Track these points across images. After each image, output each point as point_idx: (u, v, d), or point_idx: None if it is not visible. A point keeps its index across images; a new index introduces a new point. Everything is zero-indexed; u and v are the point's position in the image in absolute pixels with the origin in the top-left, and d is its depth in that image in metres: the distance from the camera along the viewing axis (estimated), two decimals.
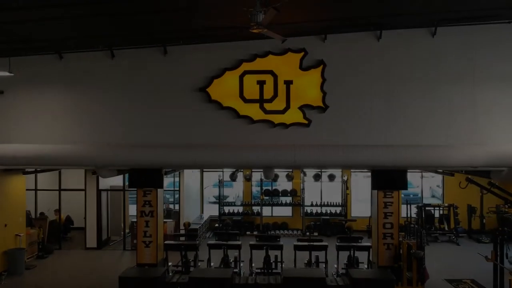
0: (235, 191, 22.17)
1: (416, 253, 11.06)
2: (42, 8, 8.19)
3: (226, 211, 19.26)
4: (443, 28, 10.92)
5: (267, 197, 19.11)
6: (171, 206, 18.60)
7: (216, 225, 17.41)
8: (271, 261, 11.84)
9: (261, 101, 11.17)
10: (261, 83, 11.19)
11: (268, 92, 11.14)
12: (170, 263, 12.02)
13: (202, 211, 20.00)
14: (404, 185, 11.41)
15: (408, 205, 16.48)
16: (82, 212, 17.20)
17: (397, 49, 11.12)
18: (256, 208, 19.17)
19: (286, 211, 19.73)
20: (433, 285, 11.45)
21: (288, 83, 11.16)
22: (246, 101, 11.19)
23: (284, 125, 11.16)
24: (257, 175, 19.13)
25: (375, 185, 11.42)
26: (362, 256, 12.01)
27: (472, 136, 10.76)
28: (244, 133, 11.23)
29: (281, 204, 19.32)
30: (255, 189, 20.08)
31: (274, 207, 19.57)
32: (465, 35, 10.90)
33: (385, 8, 9.84)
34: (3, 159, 10.48)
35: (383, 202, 11.35)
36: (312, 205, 19.05)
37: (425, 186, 20.38)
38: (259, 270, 11.53)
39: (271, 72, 11.16)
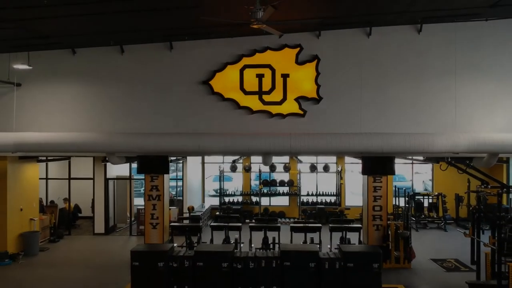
0: (234, 185, 22.88)
1: (403, 233, 11.92)
2: (61, 6, 8.92)
3: (226, 200, 20.05)
4: (428, 25, 11.75)
5: (265, 187, 19.90)
6: (174, 196, 19.38)
7: (217, 213, 18.17)
8: (269, 242, 12.66)
9: (260, 93, 11.97)
10: (260, 76, 11.99)
11: (266, 85, 11.94)
12: (175, 244, 12.82)
13: (203, 201, 20.81)
14: (391, 170, 12.22)
15: (397, 191, 17.29)
16: (89, 201, 18.07)
17: (385, 45, 11.91)
18: (255, 198, 19.96)
19: (283, 201, 20.57)
20: (419, 263, 12.27)
21: (285, 76, 11.96)
22: (246, 93, 11.99)
23: (281, 115, 11.97)
24: (255, 167, 19.92)
25: (365, 171, 12.23)
26: (353, 237, 12.80)
27: (454, 124, 11.60)
28: (244, 122, 12.02)
29: (279, 194, 20.11)
30: (254, 183, 20.82)
31: (272, 197, 20.38)
32: (448, 32, 11.71)
33: (374, 7, 10.64)
34: (21, 146, 11.20)
35: (373, 186, 12.17)
36: (308, 194, 19.85)
37: (418, 180, 21.21)
38: (258, 250, 12.33)
39: (269, 66, 11.96)
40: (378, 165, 12.03)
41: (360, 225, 12.73)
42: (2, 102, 12.04)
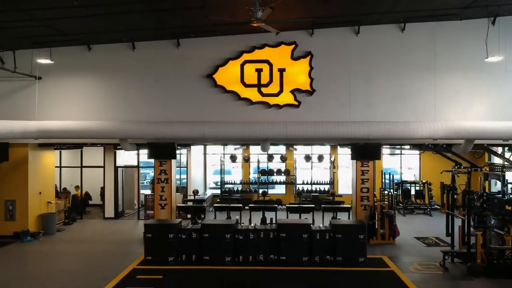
0: (233, 178, 23.91)
1: (388, 212, 13.05)
2: (85, 7, 9.99)
3: (227, 189, 21.10)
4: (411, 25, 12.92)
5: (263, 177, 21.00)
6: (178, 185, 20.43)
7: (218, 200, 19.23)
8: (267, 222, 13.77)
9: (258, 85, 13.15)
10: (259, 71, 13.15)
11: (264, 78, 13.10)
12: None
13: (205, 190, 21.91)
14: (377, 156, 13.34)
15: (383, 176, 18.36)
16: (98, 190, 19.18)
17: (372, 42, 13.10)
18: (254, 187, 21.06)
19: (280, 190, 21.70)
20: (403, 240, 13.37)
21: (281, 70, 13.13)
22: (246, 85, 13.15)
23: (278, 106, 13.12)
24: (254, 158, 21.02)
25: (354, 156, 13.34)
26: (343, 217, 13.91)
27: (433, 114, 12.77)
28: (245, 112, 13.17)
29: (276, 183, 21.23)
30: (252, 176, 21.87)
31: (269, 187, 21.48)
32: (429, 31, 12.89)
33: (362, 8, 11.79)
34: (43, 133, 12.26)
35: (361, 170, 13.29)
36: (303, 183, 20.96)
37: (410, 173, 22.29)
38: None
39: (267, 61, 13.13)
40: (365, 152, 13.13)
41: (349, 206, 13.88)
42: (25, 93, 13.17)
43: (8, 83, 13.13)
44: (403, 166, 21.63)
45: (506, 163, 10.66)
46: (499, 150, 14.72)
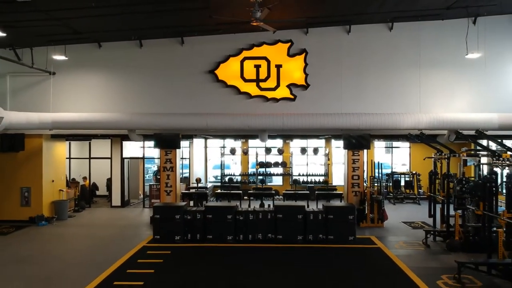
0: (233, 171, 24.74)
1: (377, 197, 13.98)
2: (100, 8, 10.85)
3: (227, 180, 22.03)
4: (398, 24, 13.84)
5: (261, 169, 21.88)
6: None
7: (218, 190, 20.10)
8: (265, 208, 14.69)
9: (257, 80, 14.07)
10: (257, 67, 14.07)
11: (262, 74, 14.02)
12: None
13: (206, 182, 22.80)
14: (367, 146, 14.25)
15: (373, 165, 19.26)
16: (104, 182, 20.06)
17: (362, 40, 14.02)
18: (252, 178, 21.94)
19: (277, 181, 22.61)
20: (391, 224, 14.28)
21: (278, 66, 14.05)
22: (245, 80, 14.07)
23: (275, 100, 14.03)
24: (252, 151, 21.91)
25: (345, 146, 14.25)
26: (336, 203, 14.84)
27: (418, 106, 13.71)
28: (244, 105, 14.08)
29: (273, 175, 22.14)
30: (251, 171, 22.77)
31: (267, 178, 22.37)
32: (414, 30, 13.82)
33: (352, 8, 12.69)
34: (58, 124, 13.15)
35: (352, 159, 14.21)
36: (299, 175, 21.88)
37: (403, 169, 23.22)
38: None
39: (265, 58, 14.04)
40: (355, 142, 14.03)
41: (341, 192, 14.80)
42: (41, 88, 14.05)
43: (25, 78, 14.02)
44: (397, 162, 22.61)
45: (483, 151, 11.54)
46: (485, 142, 15.66)
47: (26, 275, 9.03)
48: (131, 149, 19.29)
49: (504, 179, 8.78)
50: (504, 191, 9.18)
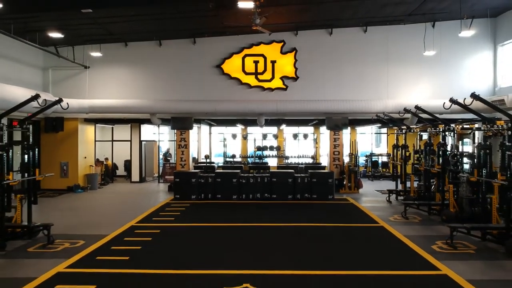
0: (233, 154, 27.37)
1: (353, 169, 16.69)
2: (134, 15, 13.46)
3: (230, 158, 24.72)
4: (371, 27, 16.51)
5: (258, 152, 24.53)
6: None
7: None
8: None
9: (255, 74, 16.70)
10: (256, 62, 16.70)
11: (260, 68, 16.66)
12: None
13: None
14: (346, 127, 16.94)
15: (354, 145, 21.89)
16: (122, 163, 22.64)
17: (342, 40, 16.67)
18: (251, 160, 24.57)
19: (272, 163, 25.24)
20: (366, 192, 16.95)
21: (273, 62, 16.69)
22: (246, 73, 16.69)
23: (270, 89, 16.68)
24: (251, 136, 24.56)
25: (328, 127, 16.94)
26: None
27: (386, 94, 16.42)
28: (245, 94, 16.72)
29: (269, 156, 24.79)
30: (250, 159, 25.41)
31: (263, 159, 25.00)
32: (383, 32, 16.49)
33: (333, 14, 15.31)
34: (93, 108, 15.77)
35: (333, 138, 16.91)
36: (291, 157, 24.54)
37: (380, 150, 25.98)
38: None
39: (262, 55, 16.68)
40: (336, 123, 16.73)
41: (326, 165, 17.51)
42: (78, 79, 16.64)
43: (65, 71, 16.60)
44: (380, 148, 25.32)
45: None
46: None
47: (82, 214, 11.68)
48: (146, 133, 21.89)
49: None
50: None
